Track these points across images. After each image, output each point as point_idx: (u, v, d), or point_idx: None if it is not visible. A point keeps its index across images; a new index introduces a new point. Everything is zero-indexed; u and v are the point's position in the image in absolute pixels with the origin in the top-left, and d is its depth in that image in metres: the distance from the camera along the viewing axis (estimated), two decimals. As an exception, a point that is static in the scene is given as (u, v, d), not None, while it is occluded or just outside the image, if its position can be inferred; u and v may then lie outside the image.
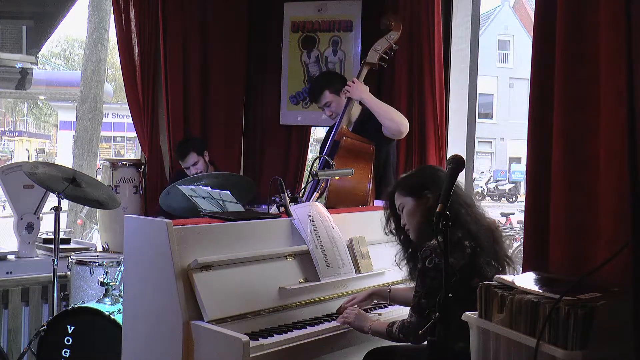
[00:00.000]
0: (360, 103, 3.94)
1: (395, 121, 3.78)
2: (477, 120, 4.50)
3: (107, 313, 3.36)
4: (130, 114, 4.91)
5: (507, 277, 2.16)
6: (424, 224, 2.54)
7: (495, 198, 21.87)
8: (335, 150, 3.77)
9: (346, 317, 2.72)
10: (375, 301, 2.96)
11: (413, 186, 2.61)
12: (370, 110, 3.84)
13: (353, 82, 3.88)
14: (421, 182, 2.60)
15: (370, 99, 3.85)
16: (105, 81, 12.72)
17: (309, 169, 4.73)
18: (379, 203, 3.54)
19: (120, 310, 3.25)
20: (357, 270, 3.00)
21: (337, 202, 3.60)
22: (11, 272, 4.11)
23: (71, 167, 6.46)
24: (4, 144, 29.63)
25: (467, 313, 2.18)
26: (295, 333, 2.57)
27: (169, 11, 4.80)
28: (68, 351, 3.43)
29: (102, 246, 4.66)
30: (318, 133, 8.33)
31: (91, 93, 11.15)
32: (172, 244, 2.45)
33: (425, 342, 2.53)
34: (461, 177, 2.32)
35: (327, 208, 3.10)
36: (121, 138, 28.61)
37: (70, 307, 3.58)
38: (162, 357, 2.51)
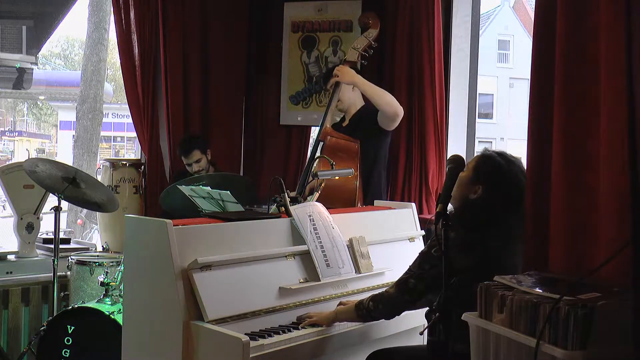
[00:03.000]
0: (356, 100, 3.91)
1: (392, 105, 3.71)
2: (477, 120, 4.49)
3: (107, 313, 3.36)
4: (130, 114, 4.91)
5: (507, 277, 2.16)
6: (457, 210, 2.49)
7: (495, 198, 21.82)
8: (321, 150, 3.76)
9: (309, 317, 2.68)
10: None
11: (477, 169, 2.52)
12: (364, 93, 3.76)
13: (340, 68, 3.79)
14: (484, 171, 2.51)
15: (363, 82, 3.76)
16: (105, 81, 12.72)
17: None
18: (379, 203, 3.54)
19: (120, 310, 3.25)
20: (357, 270, 3.00)
21: (324, 201, 3.56)
22: (11, 272, 4.11)
23: (71, 166, 6.44)
24: (4, 144, 29.59)
25: (467, 313, 2.18)
26: (295, 333, 2.57)
27: (169, 11, 4.80)
28: (68, 351, 3.43)
29: (102, 246, 4.66)
30: (318, 133, 8.33)
31: (91, 93, 11.17)
32: (172, 244, 2.45)
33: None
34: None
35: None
36: (121, 138, 28.56)
37: (70, 307, 3.58)
38: (162, 357, 2.51)
